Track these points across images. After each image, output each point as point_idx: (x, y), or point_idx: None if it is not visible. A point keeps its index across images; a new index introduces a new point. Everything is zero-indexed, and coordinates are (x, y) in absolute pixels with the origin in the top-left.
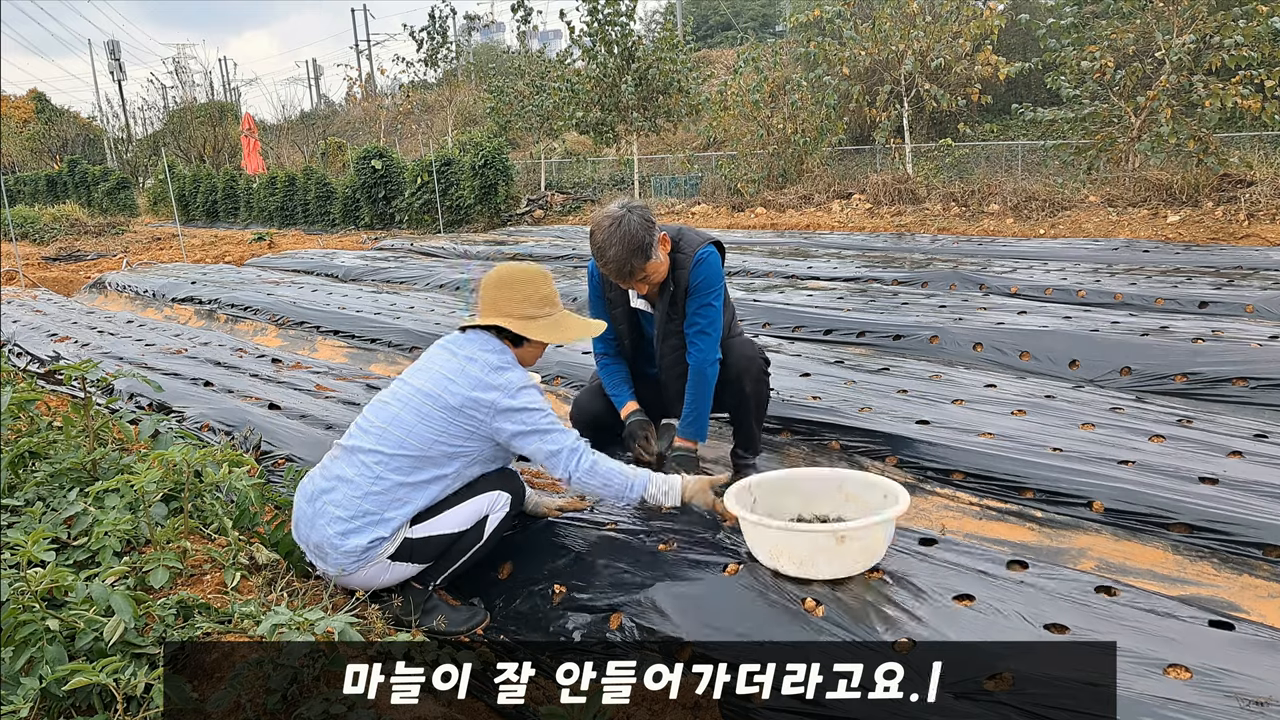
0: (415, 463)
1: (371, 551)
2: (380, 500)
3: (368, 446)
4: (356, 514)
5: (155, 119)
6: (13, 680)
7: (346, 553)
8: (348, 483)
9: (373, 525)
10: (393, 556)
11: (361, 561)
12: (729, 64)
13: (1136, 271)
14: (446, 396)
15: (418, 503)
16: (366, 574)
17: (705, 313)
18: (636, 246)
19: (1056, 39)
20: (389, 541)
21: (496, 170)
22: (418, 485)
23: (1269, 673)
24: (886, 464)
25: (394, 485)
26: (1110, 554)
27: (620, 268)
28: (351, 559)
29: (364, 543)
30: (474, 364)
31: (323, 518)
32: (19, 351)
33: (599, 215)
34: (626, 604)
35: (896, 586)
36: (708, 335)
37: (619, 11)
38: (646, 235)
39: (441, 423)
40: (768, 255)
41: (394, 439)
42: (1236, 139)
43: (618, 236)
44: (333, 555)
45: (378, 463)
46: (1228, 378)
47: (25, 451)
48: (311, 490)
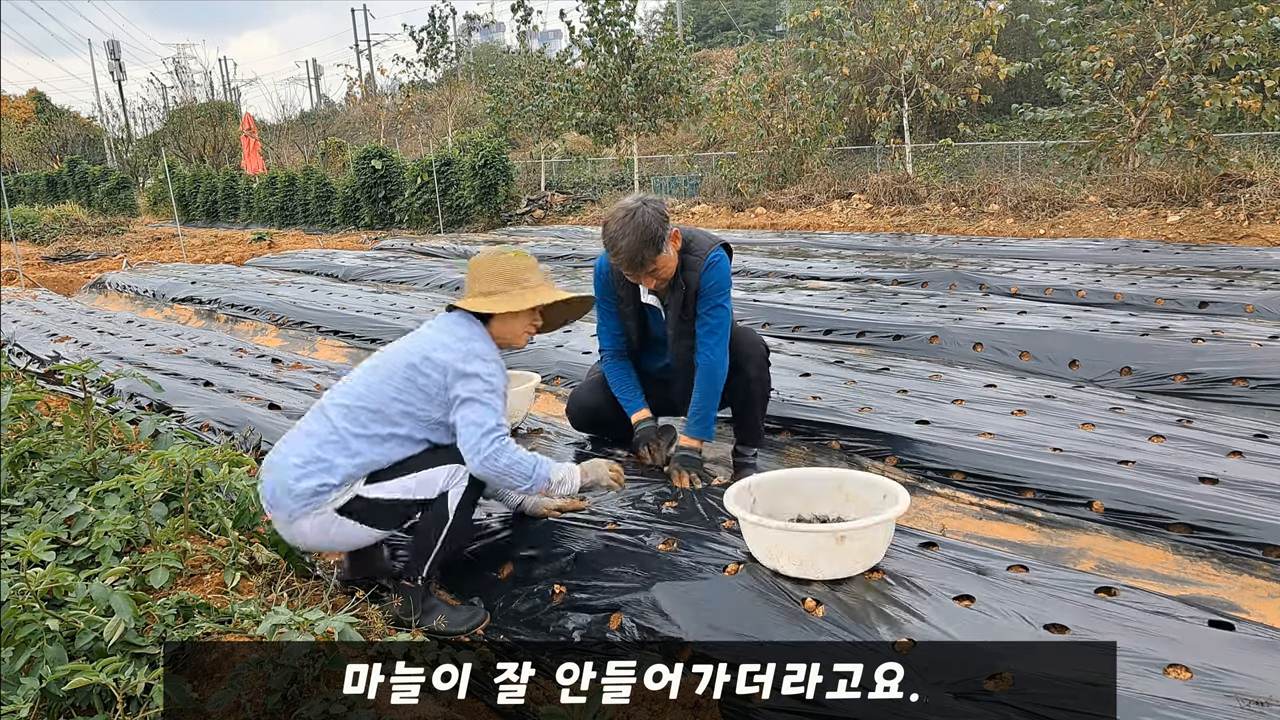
0: (372, 416)
1: (319, 499)
2: (333, 448)
3: (333, 403)
4: (309, 459)
5: (155, 119)
6: (13, 680)
7: (296, 495)
8: (308, 434)
9: (322, 471)
10: (341, 510)
11: (309, 508)
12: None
13: (1136, 271)
14: (408, 355)
15: (369, 457)
16: (313, 523)
17: (716, 314)
18: (649, 238)
19: (1056, 39)
20: (337, 490)
21: (496, 170)
22: (371, 439)
23: (1269, 673)
24: (886, 464)
25: (349, 436)
26: (1110, 554)
27: (632, 258)
28: (300, 503)
29: (312, 486)
30: (442, 332)
31: (282, 467)
32: (19, 351)
33: (613, 208)
34: (626, 604)
35: (896, 586)
36: (718, 335)
37: (619, 11)
38: (660, 228)
39: (401, 380)
40: (768, 255)
41: (355, 393)
42: (1236, 139)
43: (631, 227)
44: (284, 500)
45: (337, 414)
46: (1228, 378)
47: (25, 451)
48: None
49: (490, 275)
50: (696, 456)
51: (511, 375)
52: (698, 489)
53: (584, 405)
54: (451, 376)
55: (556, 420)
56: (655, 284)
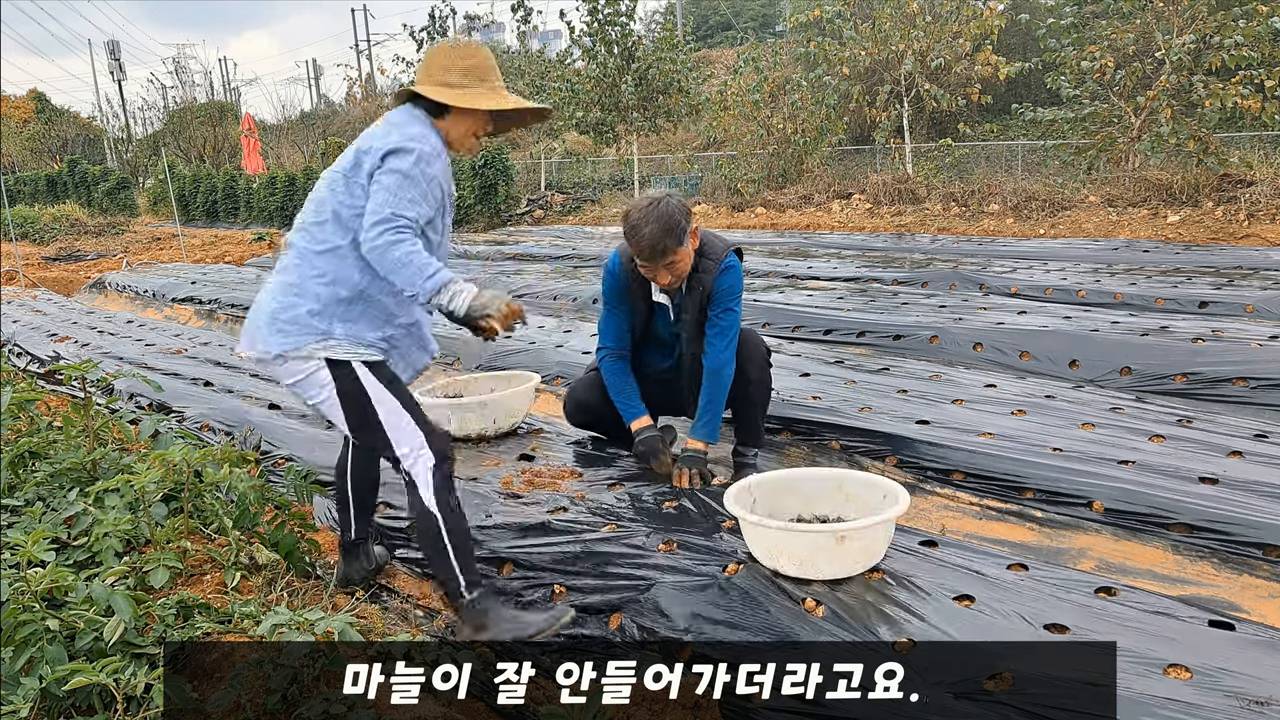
0: (323, 229)
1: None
2: (302, 271)
3: (294, 232)
4: (286, 287)
5: (155, 119)
6: (13, 680)
7: (279, 328)
8: (283, 269)
9: (301, 295)
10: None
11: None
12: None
13: (1136, 271)
14: (347, 158)
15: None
16: (296, 366)
17: (726, 317)
18: (671, 228)
19: (1056, 39)
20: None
21: (496, 170)
22: (334, 253)
23: (1269, 673)
24: (886, 464)
25: (313, 252)
26: (1110, 554)
27: (654, 246)
28: (282, 336)
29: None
30: (378, 125)
31: (258, 305)
32: (19, 351)
33: (635, 200)
34: (626, 604)
35: (896, 586)
36: (727, 338)
37: (619, 11)
38: (682, 220)
39: (342, 184)
40: (768, 255)
41: (310, 211)
42: (1236, 139)
43: (654, 215)
44: (264, 333)
45: (301, 238)
46: (1228, 378)
47: (25, 451)
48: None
49: (454, 67)
50: (701, 456)
51: (511, 375)
52: (698, 488)
53: (581, 402)
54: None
55: (556, 420)
56: (670, 280)
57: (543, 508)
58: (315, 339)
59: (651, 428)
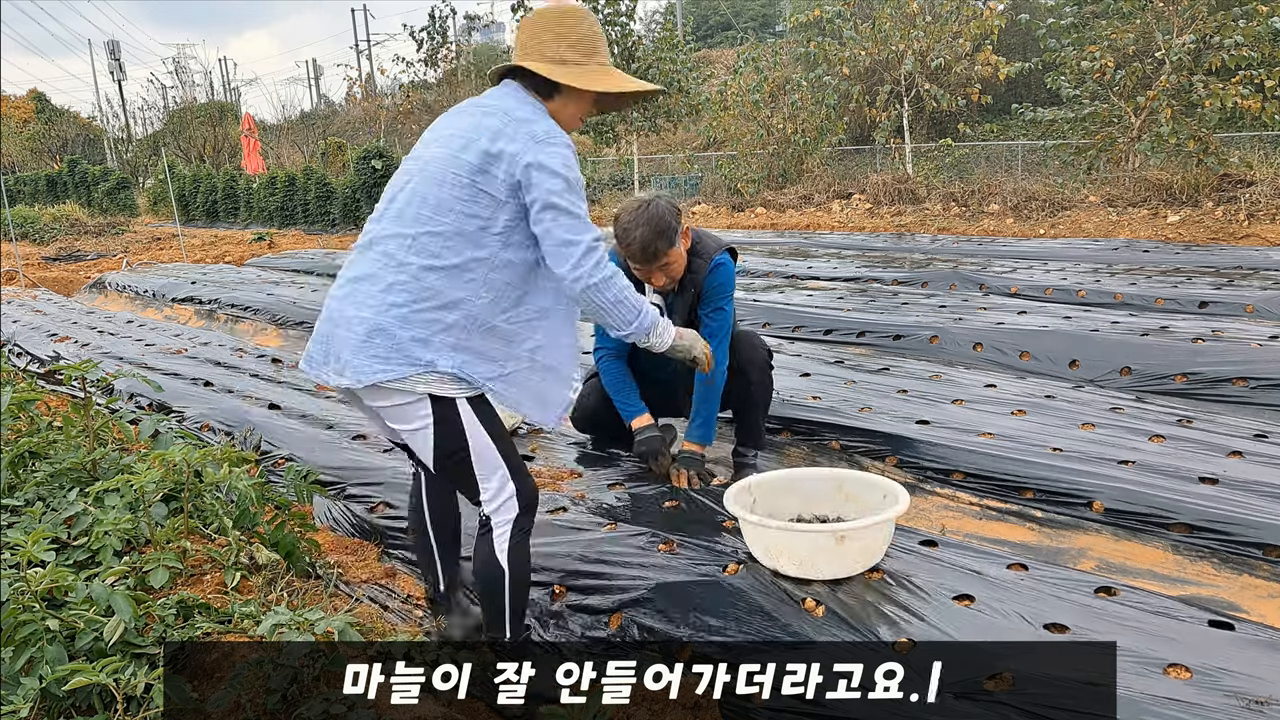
0: (444, 241)
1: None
2: (408, 291)
3: (386, 233)
4: (383, 309)
5: (155, 119)
6: (13, 680)
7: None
8: (369, 278)
9: (404, 321)
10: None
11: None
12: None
13: (1136, 271)
14: (464, 155)
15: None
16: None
17: (717, 316)
18: (662, 229)
19: (1056, 39)
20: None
21: None
22: (451, 271)
23: (1269, 673)
24: (886, 464)
25: (423, 269)
26: (1110, 554)
27: (645, 248)
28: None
29: (394, 340)
30: (491, 116)
31: (343, 325)
32: (19, 351)
33: (625, 202)
34: (626, 604)
35: (896, 586)
36: (718, 339)
37: (619, 11)
38: (673, 220)
39: (463, 185)
40: (768, 255)
41: (412, 216)
42: (1236, 139)
43: (645, 218)
44: (353, 360)
45: (400, 247)
46: (1228, 378)
47: (25, 451)
48: (328, 307)
49: (565, 39)
50: (698, 457)
51: None
52: (696, 488)
53: (583, 406)
54: (521, 169)
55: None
56: (664, 281)
57: (543, 508)
58: (418, 370)
59: (652, 426)
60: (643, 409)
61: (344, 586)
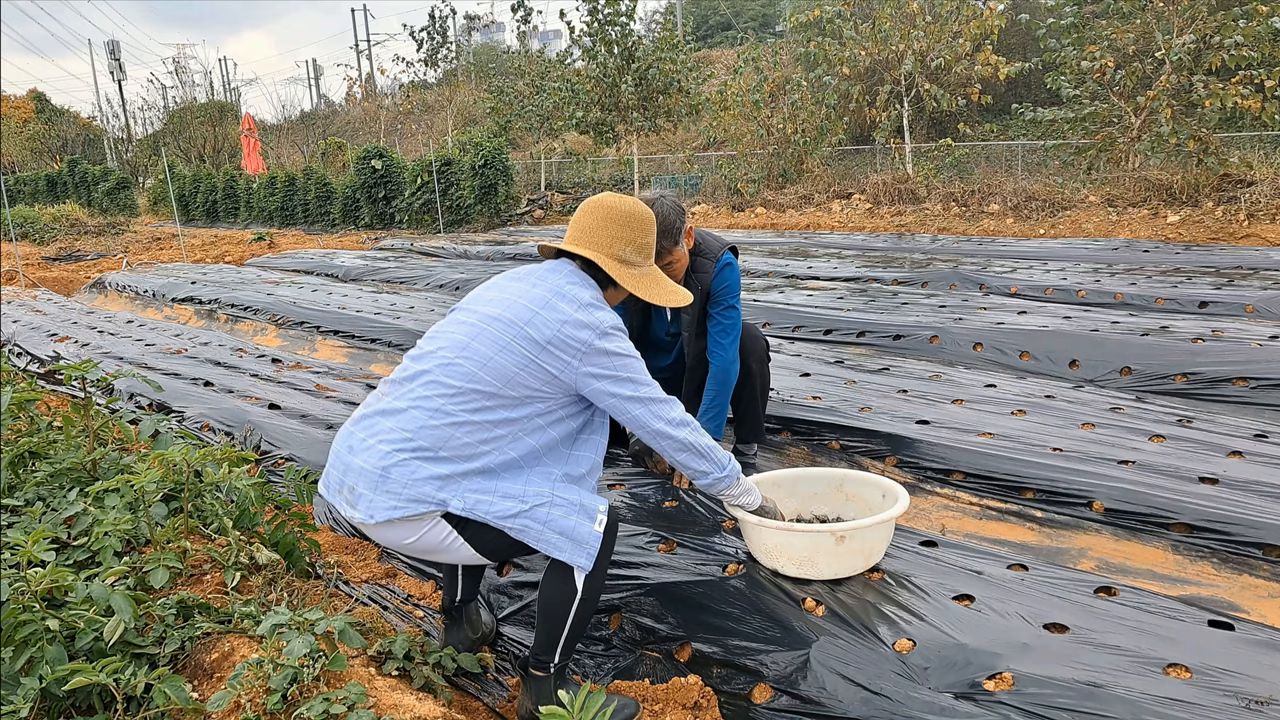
0: (486, 400)
1: (417, 501)
2: (437, 436)
3: (429, 377)
4: (406, 447)
5: (155, 119)
6: (13, 680)
7: (386, 494)
8: (399, 413)
9: (424, 460)
10: (447, 516)
11: (404, 509)
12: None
13: (1136, 271)
14: (531, 330)
15: (480, 453)
16: (407, 529)
17: (729, 315)
18: (667, 228)
19: (1056, 39)
20: (432, 499)
21: (496, 170)
22: (483, 426)
23: (1269, 673)
24: (886, 464)
25: (454, 422)
26: (1110, 554)
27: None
28: (391, 503)
29: (407, 481)
30: (563, 299)
31: (362, 453)
32: (19, 351)
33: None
34: (626, 604)
35: (896, 586)
36: (731, 336)
37: (619, 11)
38: (677, 220)
39: (523, 357)
40: (768, 255)
41: (464, 371)
42: (1236, 139)
43: None
44: (366, 495)
45: (441, 394)
46: (1228, 378)
47: (25, 451)
48: (348, 432)
49: (638, 244)
50: None
51: None
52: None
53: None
54: (588, 355)
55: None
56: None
57: None
58: (430, 508)
59: None
60: None
61: (344, 586)
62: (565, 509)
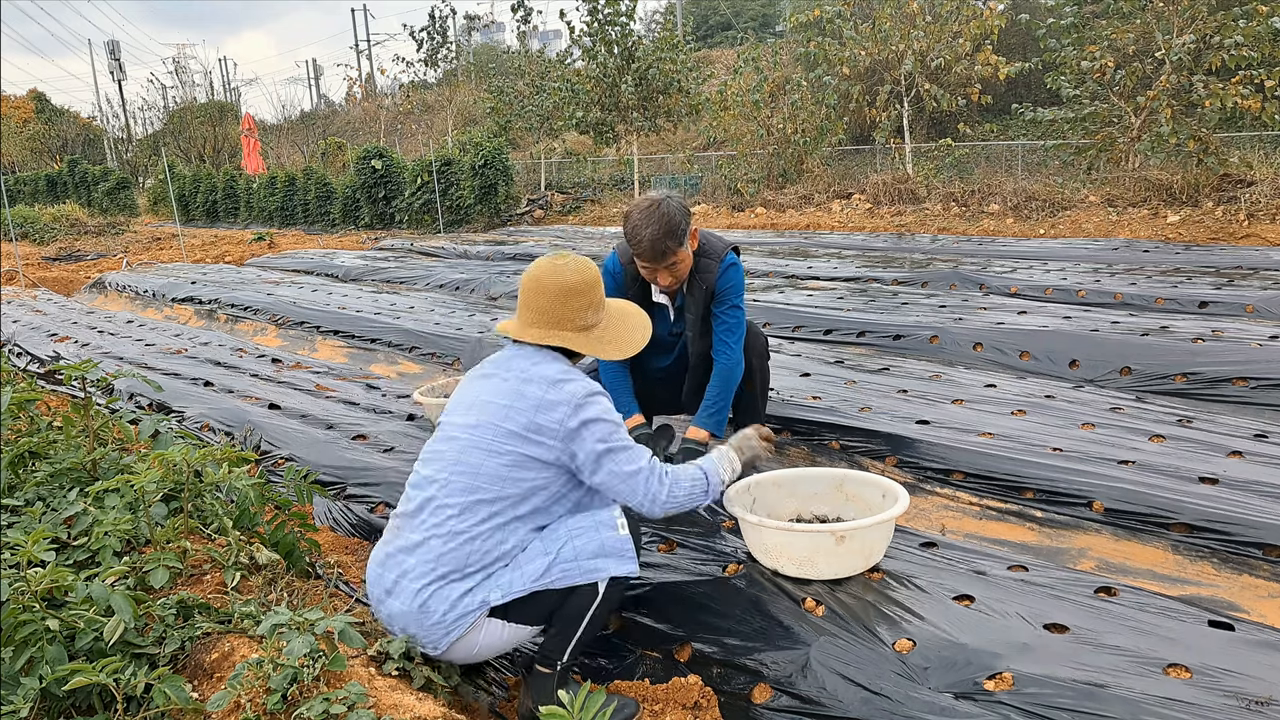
0: (491, 506)
1: (461, 619)
2: (458, 556)
3: (434, 504)
4: (434, 580)
5: (155, 119)
6: (13, 680)
7: (434, 625)
8: (418, 547)
9: (454, 582)
10: (492, 613)
11: (455, 629)
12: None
13: (1136, 271)
14: (509, 425)
15: (502, 552)
16: (467, 642)
17: (733, 314)
18: (672, 229)
19: (1056, 39)
20: (475, 606)
21: (496, 170)
22: (496, 530)
23: (1269, 673)
24: (886, 464)
25: (469, 538)
26: (1110, 554)
27: (654, 247)
28: (442, 631)
29: (445, 609)
30: (530, 383)
31: (399, 597)
32: (19, 351)
33: (636, 201)
34: (626, 604)
35: (896, 586)
36: (736, 335)
37: (619, 11)
38: (683, 221)
39: (511, 454)
40: (768, 255)
41: (462, 486)
42: (1236, 139)
43: (655, 217)
44: (420, 636)
45: (450, 517)
46: (1228, 378)
47: (25, 451)
48: (378, 574)
49: (590, 305)
50: (702, 450)
51: None
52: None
53: None
54: (569, 434)
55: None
56: (671, 281)
57: None
58: (476, 615)
59: (644, 426)
60: (635, 409)
61: (344, 586)
62: (585, 535)
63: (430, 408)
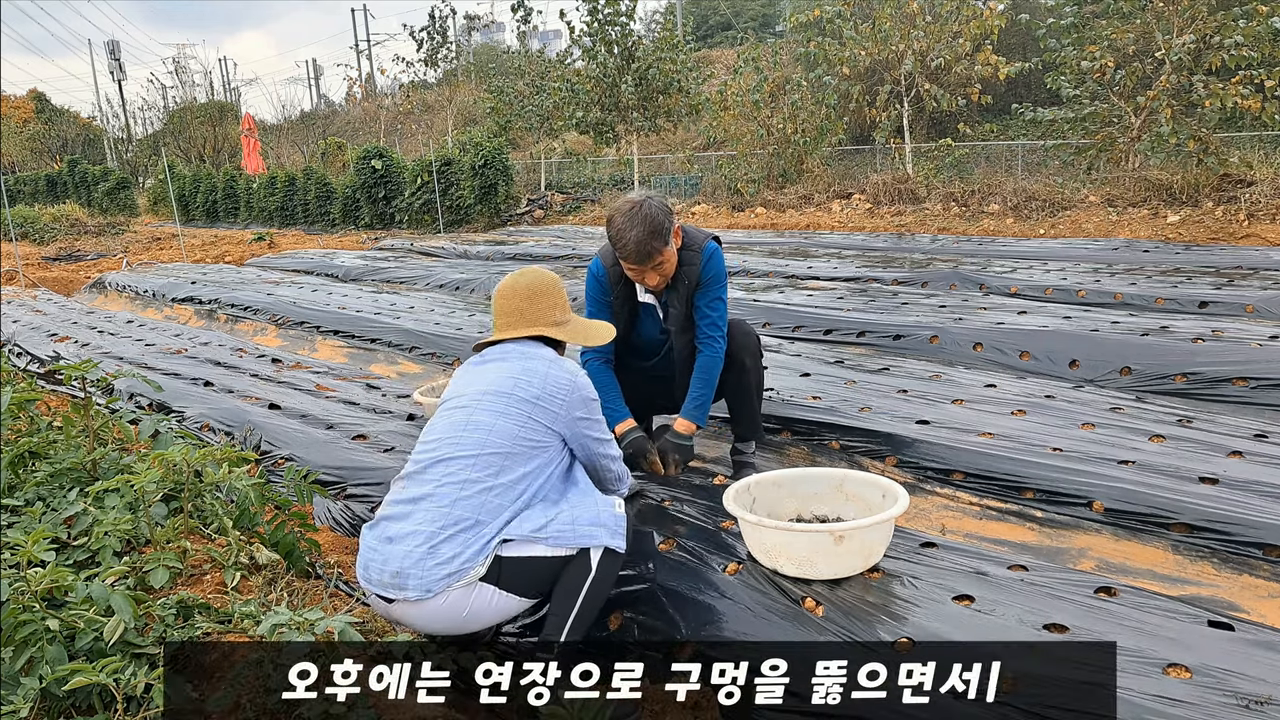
0: (503, 460)
1: (465, 565)
2: (472, 505)
3: (445, 456)
4: (447, 523)
5: (155, 119)
6: (13, 680)
7: (437, 565)
8: (429, 497)
9: (466, 530)
10: (483, 578)
11: (451, 579)
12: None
13: (1136, 271)
14: (520, 392)
15: (510, 508)
16: (452, 598)
17: (717, 306)
18: (656, 229)
19: (1056, 39)
20: (481, 554)
21: (496, 170)
22: (507, 486)
23: (1269, 673)
24: (886, 464)
25: (484, 488)
26: (1110, 554)
27: (640, 249)
28: (440, 575)
29: (455, 551)
30: (534, 360)
31: (404, 541)
32: (19, 351)
33: (617, 204)
34: (626, 604)
35: (896, 586)
36: (720, 328)
37: (619, 11)
38: (666, 220)
39: (521, 416)
40: (768, 255)
41: (473, 440)
42: (1236, 139)
43: (639, 219)
44: (415, 575)
45: (463, 466)
46: (1228, 378)
47: (25, 451)
48: (383, 524)
49: (561, 304)
50: (688, 443)
51: None
52: (678, 475)
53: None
54: (577, 404)
55: None
56: (657, 281)
57: None
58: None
59: (636, 429)
60: (626, 414)
61: (344, 586)
62: (584, 506)
63: (430, 407)
